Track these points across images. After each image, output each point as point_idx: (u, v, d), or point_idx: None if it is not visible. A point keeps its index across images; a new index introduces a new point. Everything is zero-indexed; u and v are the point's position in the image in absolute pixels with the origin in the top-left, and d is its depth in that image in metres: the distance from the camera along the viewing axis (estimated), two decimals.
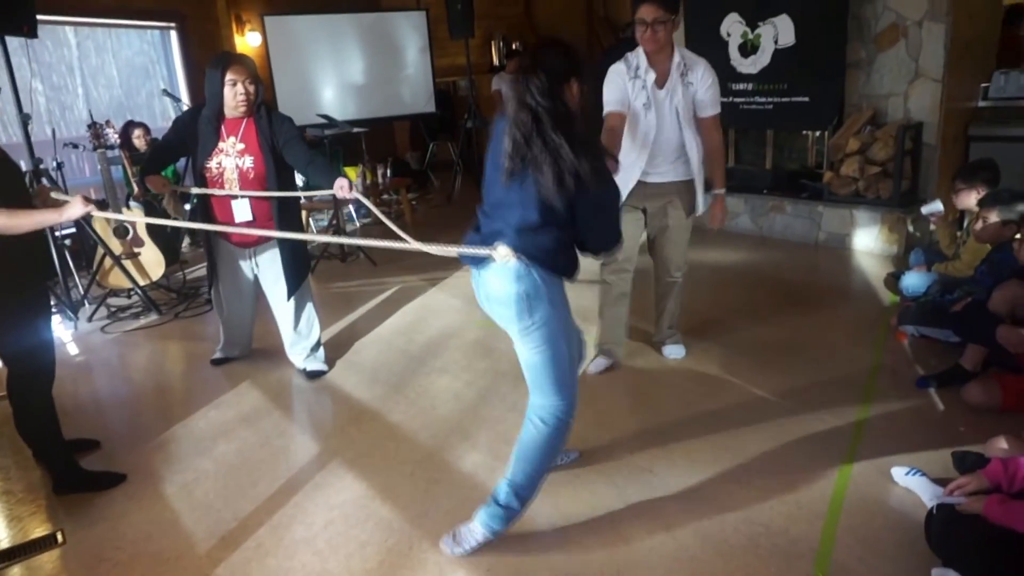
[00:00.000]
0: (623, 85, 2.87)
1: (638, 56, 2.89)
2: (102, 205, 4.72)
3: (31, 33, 4.35)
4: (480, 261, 2.03)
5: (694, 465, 2.47)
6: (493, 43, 9.57)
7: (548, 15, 10.12)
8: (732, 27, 5.40)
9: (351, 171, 6.63)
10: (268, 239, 3.20)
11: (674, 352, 3.40)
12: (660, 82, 2.90)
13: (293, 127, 3.17)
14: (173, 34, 7.12)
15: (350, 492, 2.46)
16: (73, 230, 5.48)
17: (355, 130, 6.49)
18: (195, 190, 3.17)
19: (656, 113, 2.91)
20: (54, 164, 4.89)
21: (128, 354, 3.96)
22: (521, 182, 1.94)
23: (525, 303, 1.97)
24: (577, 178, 1.86)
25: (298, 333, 3.42)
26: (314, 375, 3.45)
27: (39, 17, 4.40)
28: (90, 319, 4.45)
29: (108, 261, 4.40)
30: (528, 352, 2.05)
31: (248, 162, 3.09)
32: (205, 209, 3.21)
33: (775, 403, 2.88)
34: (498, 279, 1.99)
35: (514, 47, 9.54)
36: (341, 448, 2.76)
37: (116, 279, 4.47)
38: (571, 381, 2.09)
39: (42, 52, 6.00)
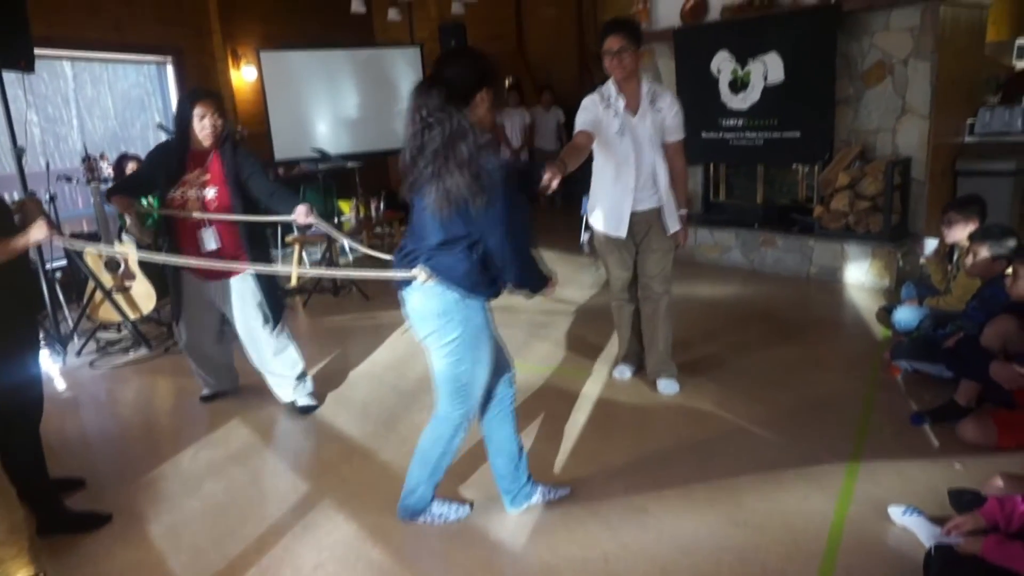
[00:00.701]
0: (596, 112, 3.07)
1: (609, 87, 3.10)
2: (94, 238, 4.72)
3: (28, 68, 4.38)
4: (404, 281, 2.14)
5: (689, 504, 2.44)
6: None
7: (540, 51, 10.28)
8: (722, 64, 5.49)
9: (344, 204, 6.67)
10: (234, 273, 3.20)
11: (667, 388, 3.37)
12: (632, 109, 3.08)
13: (257, 162, 3.28)
14: (169, 67, 7.19)
15: (340, 533, 2.42)
16: (64, 262, 5.45)
17: (349, 164, 6.53)
18: (162, 211, 3.20)
19: (632, 138, 3.08)
20: (47, 196, 4.88)
21: (116, 390, 3.91)
22: (422, 201, 2.00)
23: (440, 320, 2.10)
24: (460, 196, 1.91)
25: (277, 365, 3.35)
26: (305, 410, 3.40)
27: (37, 51, 4.43)
28: (79, 353, 4.41)
29: (99, 294, 4.37)
30: (436, 361, 2.20)
31: (211, 192, 3.16)
32: (171, 240, 3.24)
33: (770, 439, 2.87)
34: (418, 297, 2.13)
35: (507, 82, 9.66)
36: (331, 487, 2.72)
37: (106, 313, 4.44)
38: (470, 394, 2.22)
39: (38, 83, 6.04)
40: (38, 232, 2.31)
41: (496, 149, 2.04)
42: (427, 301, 2.10)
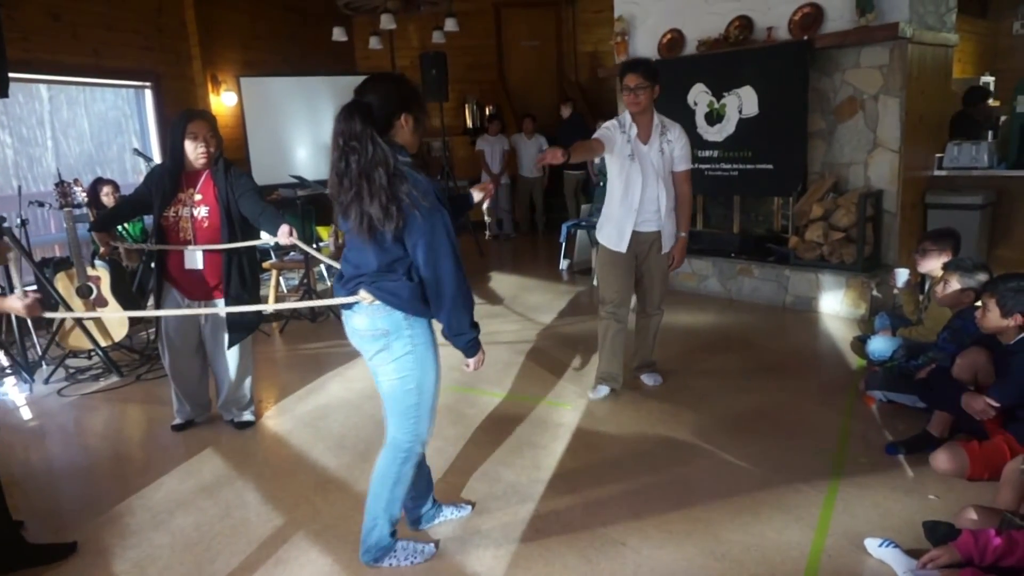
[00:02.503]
0: (613, 135, 3.41)
1: (626, 116, 3.46)
2: (66, 263, 4.64)
3: (2, 93, 4.32)
4: (347, 304, 2.17)
5: (667, 537, 2.43)
6: (467, 106, 9.80)
7: (520, 80, 10.42)
8: (699, 96, 5.59)
9: (323, 230, 6.64)
10: (218, 291, 3.31)
11: (651, 380, 3.80)
12: (644, 138, 3.42)
13: (250, 181, 3.33)
14: (148, 92, 7.15)
15: (314, 567, 2.37)
16: (34, 288, 5.35)
17: (327, 191, 6.51)
18: (146, 246, 3.29)
19: (640, 164, 3.40)
20: (18, 221, 4.80)
21: (85, 419, 3.82)
22: (347, 222, 2.05)
23: (389, 338, 2.12)
24: (378, 220, 1.95)
25: (236, 388, 3.48)
26: (243, 426, 3.51)
27: (13, 76, 4.38)
28: (47, 381, 4.31)
29: (68, 321, 4.29)
30: (385, 382, 2.20)
31: (203, 212, 3.23)
32: (159, 257, 3.31)
33: (747, 470, 2.87)
34: (362, 318, 2.14)
35: (488, 111, 9.76)
36: (306, 520, 2.66)
37: (77, 340, 4.35)
38: (419, 415, 2.20)
39: (12, 105, 5.97)
40: (12, 303, 2.30)
41: (420, 169, 2.08)
42: (374, 320, 2.12)
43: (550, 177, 8.72)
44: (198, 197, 3.24)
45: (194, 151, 3.16)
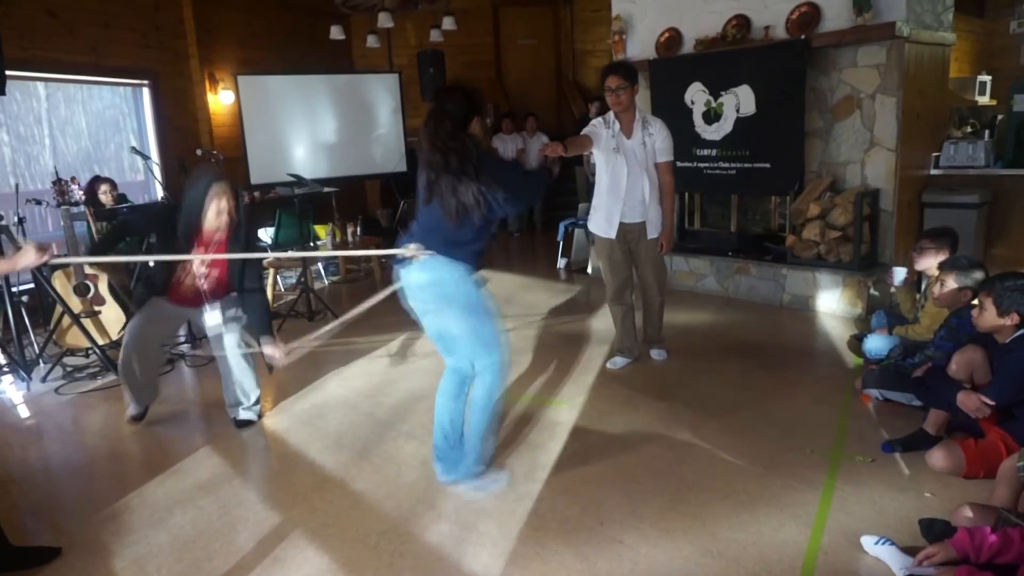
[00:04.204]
0: (599, 130, 3.75)
1: (610, 115, 3.77)
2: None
3: (0, 91, 4.33)
4: (404, 262, 2.58)
5: (664, 535, 2.44)
6: None
7: (518, 79, 10.41)
8: (696, 95, 5.59)
9: (321, 229, 6.63)
10: (226, 293, 3.40)
11: (657, 355, 4.17)
12: (627, 133, 3.73)
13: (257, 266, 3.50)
14: (145, 90, 7.14)
15: (311, 567, 2.37)
16: (31, 286, 5.34)
17: (325, 189, 6.51)
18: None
19: (624, 157, 3.72)
20: (15, 219, 4.80)
21: (83, 417, 3.82)
22: (439, 205, 2.50)
23: (453, 285, 2.53)
24: (469, 203, 2.44)
25: (245, 387, 3.51)
26: (243, 424, 3.52)
27: (10, 74, 4.38)
28: (44, 379, 4.31)
29: (66, 319, 4.28)
30: (454, 326, 2.59)
31: (214, 274, 3.33)
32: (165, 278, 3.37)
33: (744, 468, 2.88)
34: (423, 273, 2.55)
35: (499, 110, 9.76)
36: (303, 518, 2.67)
37: (74, 338, 4.34)
38: (495, 341, 2.63)
39: (9, 103, 5.96)
40: (26, 258, 2.30)
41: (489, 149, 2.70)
42: (441, 274, 2.54)
43: (561, 171, 8.72)
44: (209, 262, 3.29)
45: (215, 219, 3.22)
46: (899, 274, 3.77)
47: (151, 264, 3.47)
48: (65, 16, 6.20)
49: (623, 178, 3.73)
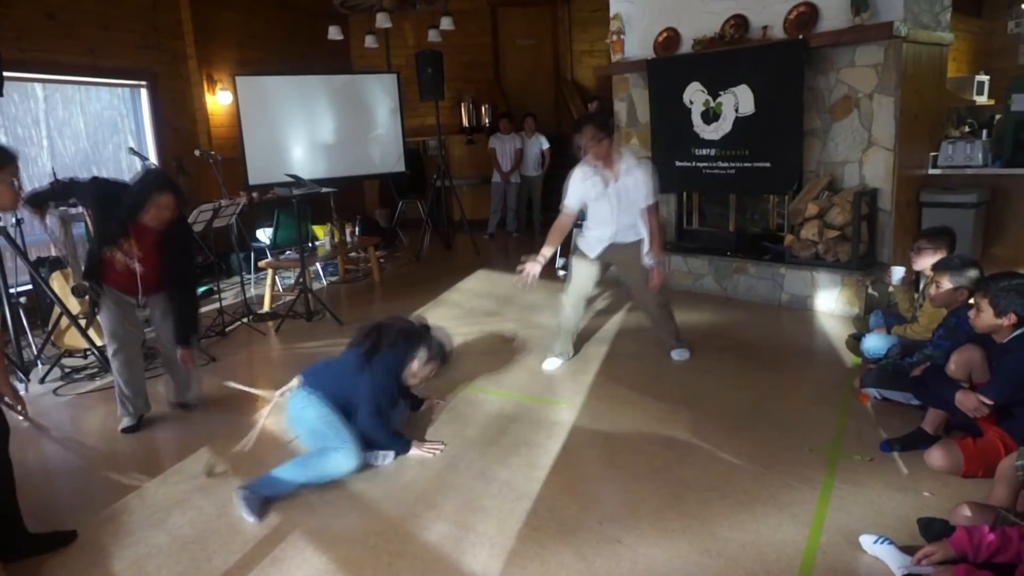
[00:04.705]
0: (582, 186, 3.83)
1: (596, 162, 3.80)
2: (60, 263, 4.64)
3: None
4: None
5: (663, 534, 2.44)
6: (463, 105, 9.79)
7: (516, 79, 10.42)
8: (694, 95, 5.60)
9: (319, 230, 6.63)
10: (158, 290, 3.47)
11: (679, 355, 4.18)
12: (612, 176, 3.81)
13: (189, 250, 3.64)
14: (143, 91, 7.14)
15: (310, 567, 2.37)
16: (29, 287, 5.34)
17: (324, 190, 6.51)
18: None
19: (608, 200, 3.84)
20: (13, 220, 4.79)
21: (81, 418, 3.82)
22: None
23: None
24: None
25: (185, 381, 3.69)
26: (186, 405, 3.72)
27: (8, 75, 4.38)
28: (42, 380, 4.30)
29: (64, 320, 4.28)
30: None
31: (139, 267, 3.38)
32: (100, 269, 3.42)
33: (743, 468, 2.88)
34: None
35: (483, 109, 9.77)
36: (301, 519, 2.66)
37: (72, 339, 4.34)
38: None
39: (7, 104, 5.95)
40: None
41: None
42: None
43: (562, 171, 8.74)
44: (139, 254, 3.35)
45: (156, 216, 3.27)
46: (897, 273, 3.78)
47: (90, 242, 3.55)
48: (63, 17, 6.19)
49: (611, 218, 3.86)
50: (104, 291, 3.43)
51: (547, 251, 3.75)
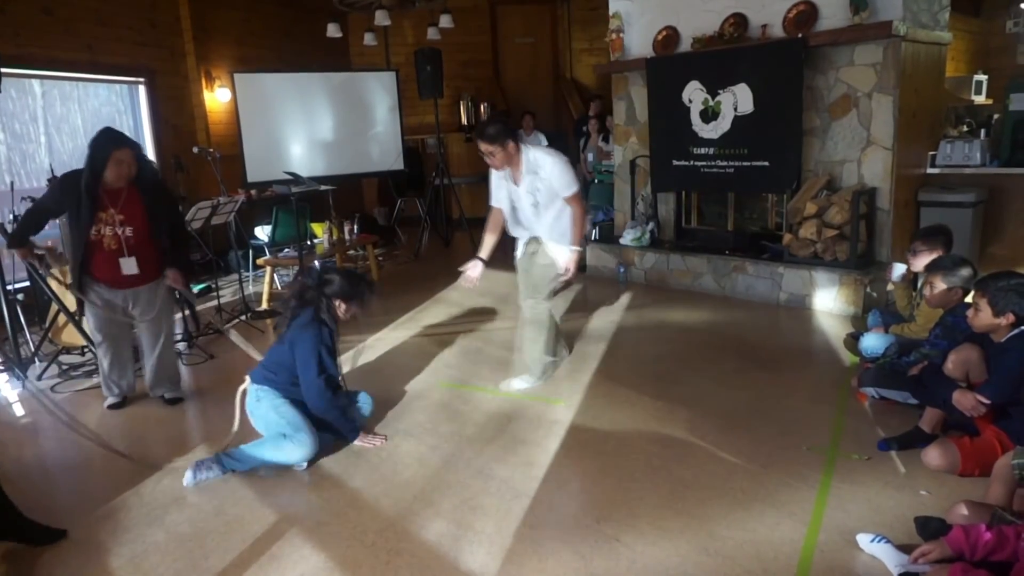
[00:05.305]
0: (501, 184, 3.84)
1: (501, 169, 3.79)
2: (61, 257, 4.63)
3: None
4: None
5: (661, 533, 2.44)
6: (462, 103, 9.78)
7: (516, 77, 10.41)
8: (693, 94, 5.60)
9: (318, 227, 6.62)
10: (143, 281, 3.55)
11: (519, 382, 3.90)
12: (516, 180, 3.74)
13: (173, 209, 3.75)
14: (141, 88, 7.12)
15: (307, 564, 2.37)
16: (26, 284, 5.33)
17: (322, 187, 6.50)
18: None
19: (511, 200, 3.83)
20: (10, 217, 4.78)
21: (79, 415, 3.81)
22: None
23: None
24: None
25: (168, 366, 3.80)
26: (173, 401, 3.80)
27: (5, 71, 4.36)
28: (40, 377, 4.29)
29: (62, 318, 4.27)
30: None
31: (128, 231, 3.40)
32: (86, 264, 3.46)
33: (741, 467, 2.88)
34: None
35: (482, 108, 9.76)
36: (299, 516, 2.66)
37: (70, 336, 4.34)
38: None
39: (5, 100, 5.94)
40: None
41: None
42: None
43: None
44: (121, 217, 3.39)
45: (116, 174, 3.31)
46: (898, 270, 3.78)
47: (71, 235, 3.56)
48: (61, 13, 6.18)
49: (520, 213, 3.84)
50: (92, 292, 3.49)
51: (483, 253, 3.83)
